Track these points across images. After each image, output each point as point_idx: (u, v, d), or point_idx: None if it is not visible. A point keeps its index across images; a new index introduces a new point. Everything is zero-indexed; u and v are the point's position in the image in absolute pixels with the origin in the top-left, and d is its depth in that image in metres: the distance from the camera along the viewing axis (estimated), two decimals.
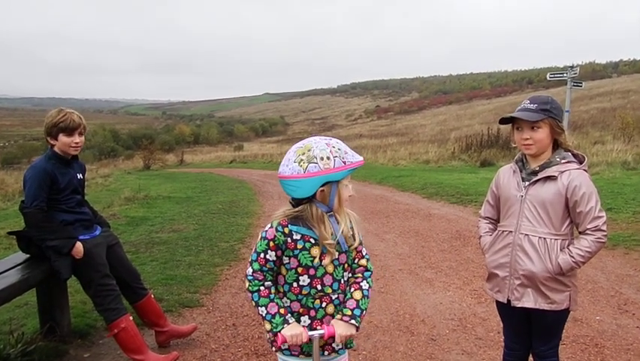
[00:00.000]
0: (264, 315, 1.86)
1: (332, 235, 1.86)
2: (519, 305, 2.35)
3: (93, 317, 3.93)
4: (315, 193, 1.82)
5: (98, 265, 3.20)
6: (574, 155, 2.32)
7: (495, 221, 2.55)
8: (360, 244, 1.98)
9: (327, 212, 1.86)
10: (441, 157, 19.34)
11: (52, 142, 3.15)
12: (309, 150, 1.79)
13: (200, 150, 54.17)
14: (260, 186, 14.10)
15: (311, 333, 1.86)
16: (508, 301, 2.39)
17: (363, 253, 2.02)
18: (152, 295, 3.67)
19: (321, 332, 1.87)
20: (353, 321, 1.89)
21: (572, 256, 2.22)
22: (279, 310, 1.86)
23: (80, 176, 3.34)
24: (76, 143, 3.17)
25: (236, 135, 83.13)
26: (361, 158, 1.88)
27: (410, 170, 16.06)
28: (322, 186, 1.80)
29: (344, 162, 1.80)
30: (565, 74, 19.11)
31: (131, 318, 3.28)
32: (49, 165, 3.11)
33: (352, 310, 1.91)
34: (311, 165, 1.77)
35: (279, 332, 1.83)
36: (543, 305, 2.30)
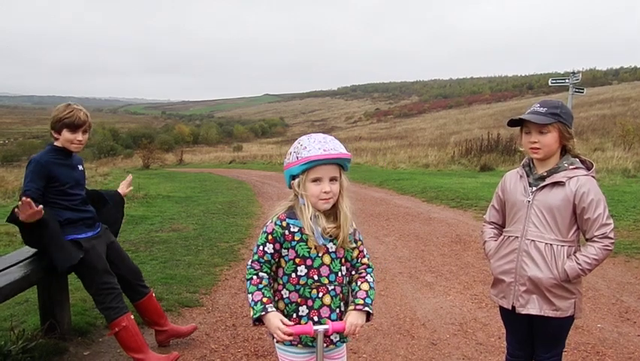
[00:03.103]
0: (249, 302, 1.92)
1: (309, 226, 1.91)
2: (524, 312, 2.33)
3: (93, 315, 3.92)
4: (296, 185, 1.92)
5: (99, 263, 3.17)
6: (582, 161, 2.31)
7: (500, 226, 2.54)
8: (361, 243, 2.07)
9: (303, 204, 1.92)
10: (441, 161, 19.36)
11: (55, 136, 3.13)
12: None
13: (199, 150, 54.14)
14: (259, 187, 14.09)
15: (315, 328, 1.89)
16: (513, 307, 2.37)
17: (365, 253, 2.09)
18: (154, 294, 3.66)
19: (326, 327, 1.90)
20: (367, 308, 1.95)
21: (579, 263, 2.20)
22: (262, 298, 1.90)
23: (80, 167, 3.31)
24: (79, 140, 3.13)
25: (236, 136, 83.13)
26: (321, 152, 1.83)
27: (410, 173, 16.08)
28: (292, 179, 1.92)
29: (297, 158, 1.87)
30: (567, 80, 19.14)
31: (132, 317, 3.25)
32: (45, 158, 3.07)
33: (364, 299, 1.97)
34: (285, 158, 1.95)
35: (258, 318, 1.88)
36: (548, 312, 2.28)
